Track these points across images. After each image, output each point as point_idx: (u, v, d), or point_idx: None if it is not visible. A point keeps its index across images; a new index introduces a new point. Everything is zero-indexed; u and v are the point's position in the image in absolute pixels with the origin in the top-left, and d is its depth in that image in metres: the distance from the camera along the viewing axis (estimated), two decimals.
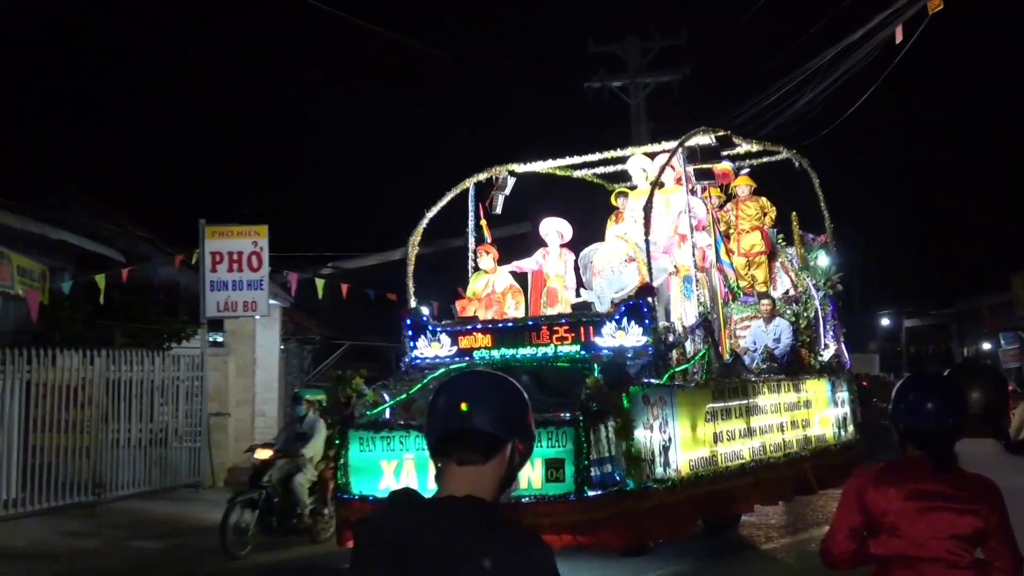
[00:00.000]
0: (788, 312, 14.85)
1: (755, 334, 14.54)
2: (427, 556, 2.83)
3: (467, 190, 13.99)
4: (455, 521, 2.88)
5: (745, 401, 12.77)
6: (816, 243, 15.78)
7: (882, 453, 6.16)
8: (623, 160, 14.90)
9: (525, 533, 2.96)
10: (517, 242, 15.10)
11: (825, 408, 15.00)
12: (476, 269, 13.90)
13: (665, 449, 10.97)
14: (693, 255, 12.59)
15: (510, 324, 12.21)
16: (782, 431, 13.60)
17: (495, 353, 12.13)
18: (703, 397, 11.86)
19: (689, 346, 12.49)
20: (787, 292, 15.39)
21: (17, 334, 17.85)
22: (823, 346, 15.24)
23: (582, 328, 11.70)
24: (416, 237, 13.36)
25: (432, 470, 9.70)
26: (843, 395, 15.62)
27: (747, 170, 15.85)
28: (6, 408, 14.81)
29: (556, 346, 11.82)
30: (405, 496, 3.01)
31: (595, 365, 10.94)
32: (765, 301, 14.55)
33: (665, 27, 29.22)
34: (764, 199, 15.55)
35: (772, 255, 15.58)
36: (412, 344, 12.65)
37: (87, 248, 21.91)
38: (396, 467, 11.16)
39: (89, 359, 16.47)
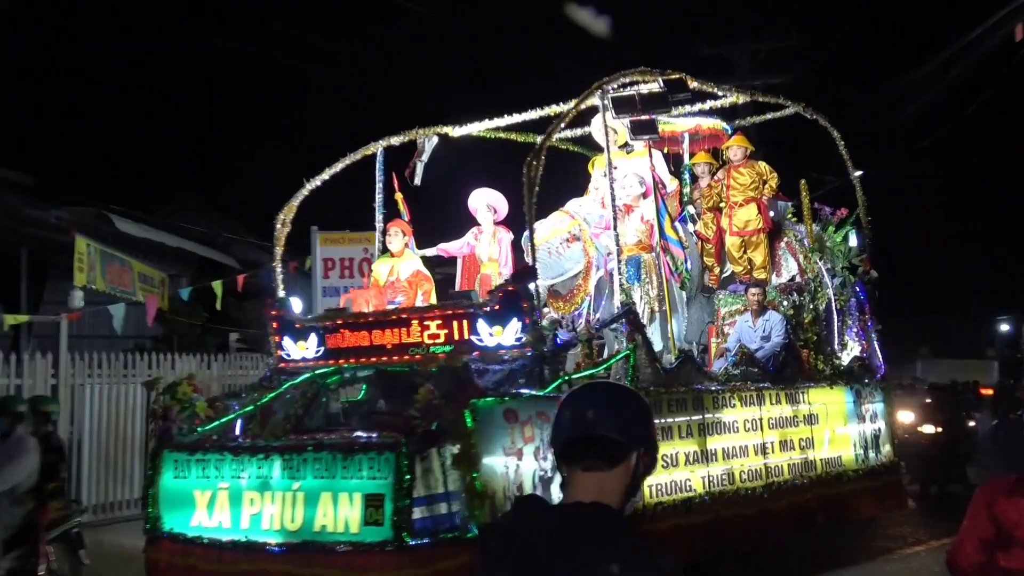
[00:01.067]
0: (786, 304, 11.85)
1: (740, 331, 11.61)
2: (555, 561, 2.86)
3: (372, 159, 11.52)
4: (583, 527, 2.89)
5: (697, 417, 9.94)
6: (836, 218, 12.71)
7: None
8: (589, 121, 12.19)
9: (652, 540, 2.98)
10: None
11: (841, 424, 11.94)
12: (385, 251, 11.41)
13: (545, 481, 8.28)
14: (617, 233, 9.76)
15: (379, 319, 9.67)
16: (764, 454, 10.67)
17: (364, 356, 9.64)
18: None
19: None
20: (793, 278, 12.39)
21: (138, 339, 18.99)
22: (839, 346, 12.16)
23: (455, 323, 9.09)
24: (286, 214, 10.95)
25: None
26: (873, 408, 12.51)
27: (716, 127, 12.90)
28: (130, 410, 15.09)
29: (428, 345, 9.25)
30: (532, 502, 3.09)
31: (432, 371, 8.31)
32: (753, 290, 11.59)
33: (775, 29, 27.15)
34: (763, 164, 12.56)
35: (775, 233, 12.58)
36: (279, 344, 10.26)
37: (204, 255, 22.58)
38: (210, 499, 8.81)
39: (207, 363, 16.60)
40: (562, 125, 9.43)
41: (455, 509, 7.80)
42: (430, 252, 11.76)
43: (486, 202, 11.64)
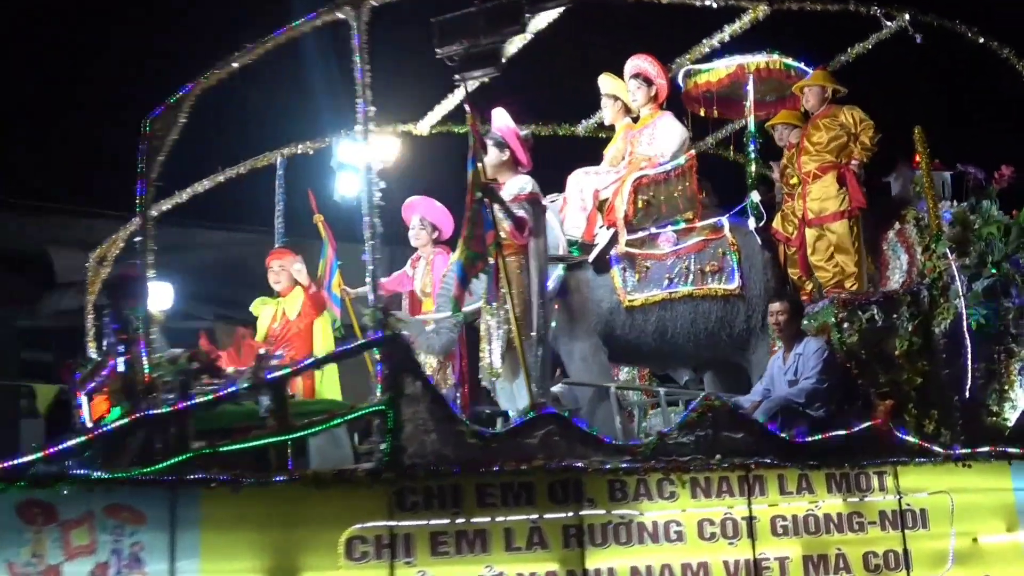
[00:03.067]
0: (848, 327, 7.16)
1: (772, 373, 7.16)
2: None
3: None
4: None
5: (561, 515, 5.95)
6: (996, 183, 7.72)
7: None
8: None
9: None
10: None
11: (997, 528, 6.97)
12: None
13: None
14: (371, 218, 6.12)
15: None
16: None
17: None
18: (335, 505, 5.53)
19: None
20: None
21: None
22: (976, 394, 7.17)
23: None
24: (106, 250, 8.42)
25: None
26: None
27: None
28: None
29: None
30: None
31: None
32: (775, 306, 7.13)
33: None
34: (852, 110, 7.93)
35: (889, 219, 7.91)
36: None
37: None
38: None
39: None
40: (235, 65, 6.06)
41: None
42: (365, 291, 8.68)
43: (422, 216, 8.41)
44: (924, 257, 7.43)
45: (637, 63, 8.21)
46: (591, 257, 7.69)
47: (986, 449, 7.02)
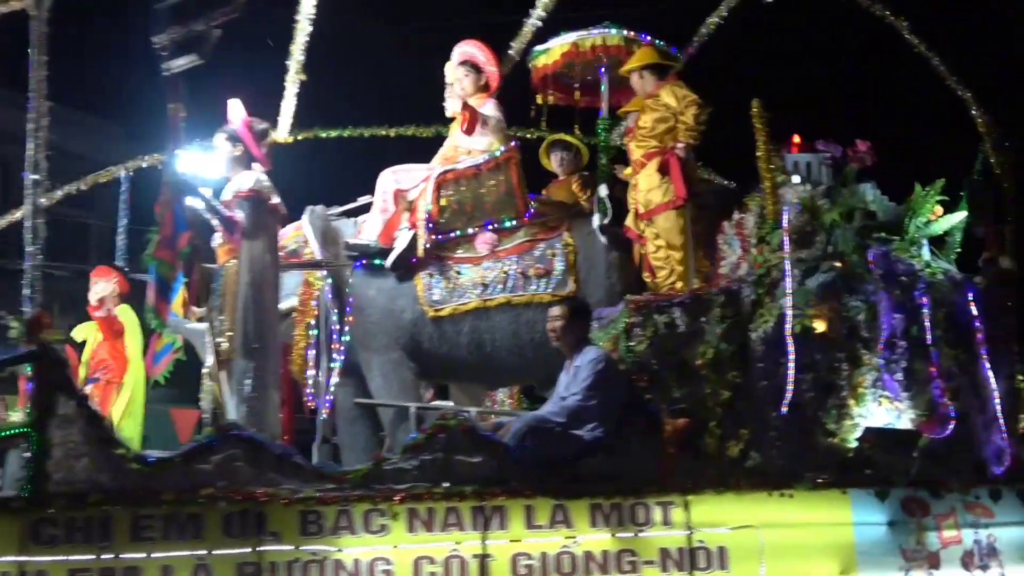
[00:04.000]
0: (640, 331, 6.15)
1: (558, 388, 6.20)
2: None
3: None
4: None
5: (241, 551, 5.25)
6: (854, 161, 6.58)
7: None
8: None
9: None
10: None
11: (826, 569, 5.84)
12: None
13: None
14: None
15: None
16: None
17: None
18: None
19: None
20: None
21: None
22: (801, 411, 6.05)
23: None
24: None
25: None
26: (973, 538, 6.16)
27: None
28: None
29: None
30: None
31: None
32: (553, 311, 6.18)
33: None
34: (676, 87, 6.91)
35: (728, 206, 6.87)
36: None
37: None
38: None
39: None
40: None
41: None
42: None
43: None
44: (757, 250, 6.37)
45: (465, 49, 7.48)
46: (388, 262, 6.96)
47: (815, 476, 5.94)
